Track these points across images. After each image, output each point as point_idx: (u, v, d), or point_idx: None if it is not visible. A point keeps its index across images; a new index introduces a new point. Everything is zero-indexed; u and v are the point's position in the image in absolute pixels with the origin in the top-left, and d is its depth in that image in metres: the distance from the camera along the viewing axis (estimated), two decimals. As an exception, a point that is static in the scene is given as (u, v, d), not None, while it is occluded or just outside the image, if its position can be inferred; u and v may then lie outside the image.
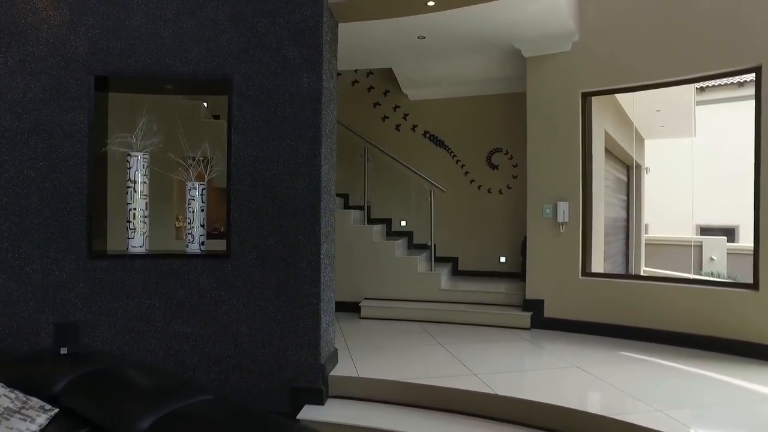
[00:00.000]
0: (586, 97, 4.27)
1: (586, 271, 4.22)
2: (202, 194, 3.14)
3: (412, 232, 5.96)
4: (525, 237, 4.55)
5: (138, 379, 1.72)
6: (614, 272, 5.87)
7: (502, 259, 5.69)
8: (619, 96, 5.76)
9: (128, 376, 1.74)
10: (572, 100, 4.25)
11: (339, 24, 3.39)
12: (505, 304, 4.63)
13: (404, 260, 4.92)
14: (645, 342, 3.81)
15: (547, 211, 4.31)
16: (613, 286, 4.05)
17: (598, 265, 4.72)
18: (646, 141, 7.95)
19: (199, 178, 3.18)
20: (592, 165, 4.46)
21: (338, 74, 6.27)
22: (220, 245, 3.16)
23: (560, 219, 4.23)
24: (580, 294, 4.16)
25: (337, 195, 5.85)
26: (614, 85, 4.14)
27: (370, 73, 6.06)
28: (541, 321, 4.30)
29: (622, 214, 7.65)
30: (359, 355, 3.50)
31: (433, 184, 5.03)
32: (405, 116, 5.99)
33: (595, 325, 4.06)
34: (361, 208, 6.00)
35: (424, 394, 2.84)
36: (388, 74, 5.60)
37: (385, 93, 6.04)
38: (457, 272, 5.81)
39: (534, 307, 4.33)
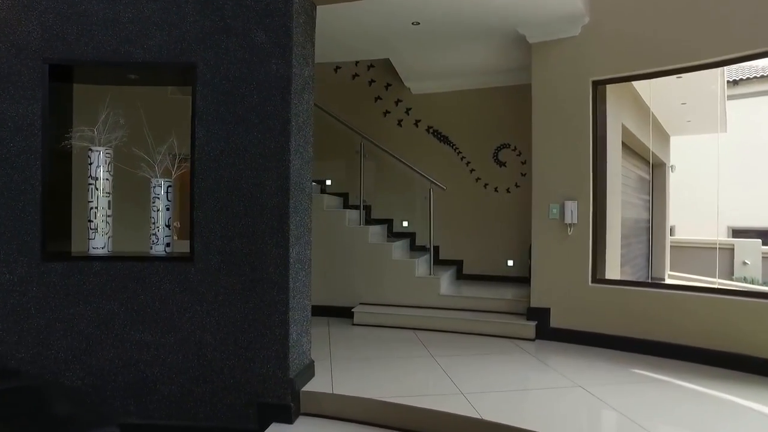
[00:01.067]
0: (598, 85, 3.88)
1: (597, 278, 3.83)
2: (167, 192, 2.92)
3: (414, 234, 5.65)
4: (531, 239, 4.19)
5: (38, 405, 1.49)
6: (631, 278, 5.44)
7: (510, 263, 5.32)
8: (639, 88, 5.32)
9: (29, 401, 1.51)
10: (582, 90, 3.87)
11: (318, 7, 3.12)
12: (509, 312, 4.27)
13: (401, 263, 4.62)
14: (662, 358, 3.41)
15: (554, 211, 3.94)
16: (627, 294, 3.65)
17: (613, 271, 4.32)
18: (671, 138, 7.42)
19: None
20: (605, 161, 4.06)
21: (338, 67, 6.04)
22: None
23: (568, 220, 3.86)
24: (590, 302, 3.78)
25: (336, 194, 5.61)
26: (629, 71, 3.74)
27: (371, 65, 5.77)
28: (547, 331, 3.93)
29: (645, 215, 7.16)
30: (341, 367, 3.22)
31: (432, 181, 4.71)
32: (407, 111, 5.68)
33: (606, 337, 3.68)
34: (363, 207, 5.73)
35: (401, 416, 2.54)
36: (389, 67, 5.31)
37: (387, 86, 5.74)
38: (461, 276, 5.47)
39: (539, 316, 3.97)
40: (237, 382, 2.71)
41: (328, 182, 5.84)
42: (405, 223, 5.71)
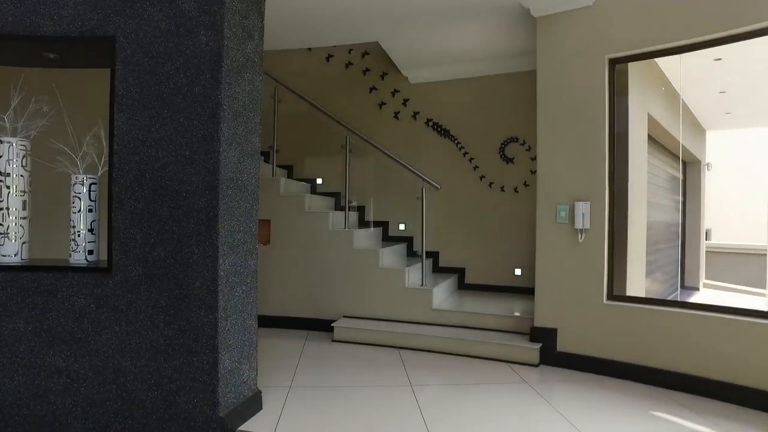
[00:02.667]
0: (616, 64, 3.26)
1: (614, 294, 3.21)
2: (90, 190, 2.49)
3: (411, 238, 5.11)
4: (536, 246, 3.60)
5: None
6: (661, 287, 4.76)
7: (517, 272, 4.72)
8: (669, 74, 4.63)
9: None
10: (596, 70, 3.26)
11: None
12: (511, 331, 3.69)
13: (389, 272, 4.09)
14: (692, 396, 2.77)
15: (562, 214, 3.34)
16: (651, 315, 3.02)
17: (636, 284, 3.68)
18: (707, 132, 6.62)
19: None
20: (626, 156, 3.44)
21: (330, 56, 5.57)
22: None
23: (579, 224, 3.25)
24: (605, 323, 3.16)
25: (327, 194, 5.14)
26: (655, 45, 3.10)
27: (365, 53, 5.27)
28: (553, 356, 3.33)
29: (676, 217, 6.40)
30: (296, 398, 2.73)
31: (423, 179, 4.17)
32: (405, 102, 5.15)
33: (624, 367, 3.06)
34: (352, 209, 5.24)
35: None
36: (386, 54, 4.79)
37: (383, 76, 5.23)
38: (463, 286, 4.90)
39: (544, 337, 3.37)
40: (160, 418, 2.25)
41: (319, 181, 5.38)
42: (402, 226, 5.18)
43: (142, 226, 2.26)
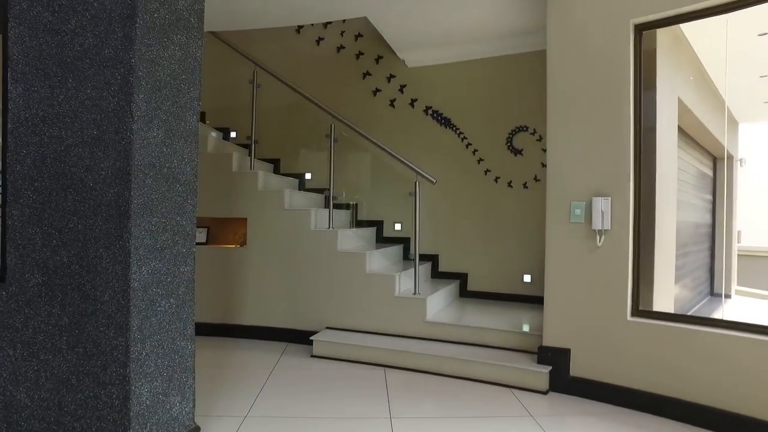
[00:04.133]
0: (643, 31, 2.71)
1: (640, 309, 2.65)
2: None
3: (408, 239, 4.60)
4: (546, 250, 3.05)
5: None
6: (688, 294, 4.17)
7: (527, 278, 4.17)
8: (702, 55, 4.04)
9: None
10: (619, 38, 2.71)
11: None
12: (516, 349, 3.15)
13: (378, 278, 3.59)
14: (742, 440, 2.21)
15: (577, 212, 2.79)
16: (688, 336, 2.46)
17: (664, 297, 3.11)
18: (740, 124, 5.95)
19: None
20: (654, 144, 2.88)
21: (320, 39, 5.09)
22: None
23: (597, 224, 2.70)
24: (629, 345, 2.61)
25: (315, 191, 4.66)
26: (693, 3, 2.53)
27: (359, 35, 4.78)
28: (565, 382, 2.79)
29: (705, 218, 5.76)
30: (249, 433, 2.25)
31: (417, 172, 3.65)
32: (401, 88, 4.64)
33: (653, 399, 2.50)
34: (346, 206, 4.76)
35: None
36: (380, 36, 4.29)
37: (378, 60, 4.73)
38: (465, 293, 4.37)
39: (555, 359, 2.83)
40: (63, 465, 1.80)
41: (308, 176, 4.91)
42: (398, 226, 4.67)
43: (42, 224, 1.81)
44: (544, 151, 4.11)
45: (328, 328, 3.70)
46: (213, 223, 4.26)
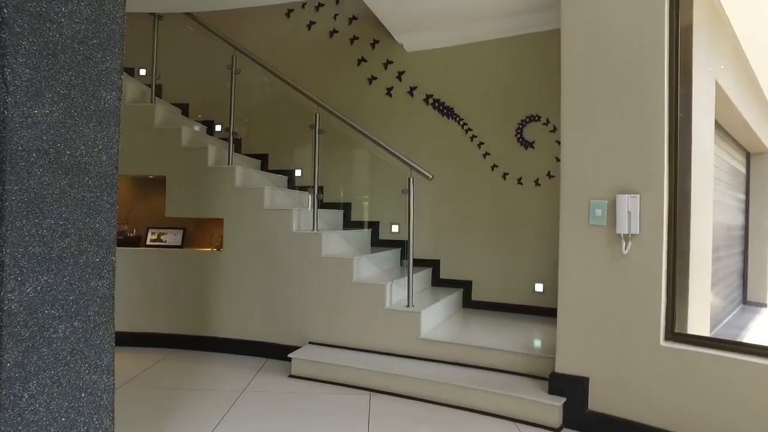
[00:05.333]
0: (680, -7, 2.22)
1: (676, 332, 2.17)
2: None
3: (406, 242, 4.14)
4: (560, 258, 2.57)
5: None
6: (722, 304, 3.69)
7: (539, 288, 3.69)
8: (741, 34, 3.51)
9: None
10: (651, 7, 2.23)
11: None
12: (525, 374, 2.68)
13: (365, 288, 3.15)
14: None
15: (598, 212, 2.31)
16: (738, 367, 1.97)
17: (699, 313, 2.62)
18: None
19: None
20: (690, 133, 2.39)
21: (312, 23, 4.66)
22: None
23: (623, 228, 2.22)
24: (663, 375, 2.13)
25: (304, 189, 4.25)
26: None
27: (353, 18, 4.35)
28: (581, 417, 2.32)
29: (739, 219, 5.20)
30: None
31: (411, 166, 3.21)
32: (399, 75, 4.20)
33: (693, 444, 2.02)
34: (337, 206, 4.34)
35: None
36: (377, 19, 3.86)
37: (373, 44, 4.29)
38: (469, 302, 3.91)
39: (569, 388, 2.36)
40: None
41: (298, 173, 4.49)
42: (395, 228, 4.22)
43: None
44: (559, 143, 3.62)
45: (311, 343, 3.27)
46: (190, 224, 3.88)
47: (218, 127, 4.63)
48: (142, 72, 4.55)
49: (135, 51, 4.47)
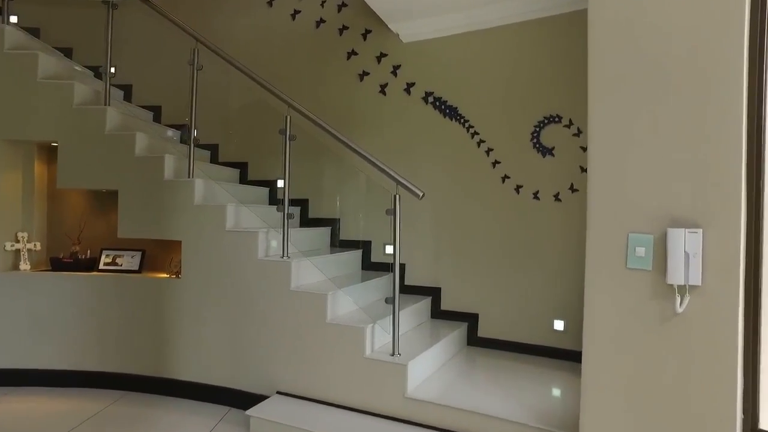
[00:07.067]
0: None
1: (760, 428, 1.51)
2: None
3: (403, 266, 3.54)
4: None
5: None
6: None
7: (558, 325, 3.04)
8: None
9: None
10: (718, -44, 1.58)
11: None
12: (538, 450, 2.05)
13: (341, 331, 2.56)
14: None
15: (639, 251, 1.67)
16: None
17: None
18: None
19: None
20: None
21: (297, 12, 3.95)
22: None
23: (677, 277, 1.57)
24: (736, 489, 1.48)
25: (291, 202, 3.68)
26: None
27: (342, 5, 3.76)
28: None
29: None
30: None
31: (399, 182, 2.60)
32: (395, 70, 3.59)
33: None
34: (325, 223, 3.77)
35: None
36: (368, 6, 3.27)
37: (365, 35, 3.70)
38: (474, 339, 3.28)
39: (600, 490, 1.72)
40: None
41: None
42: (389, 249, 3.62)
43: None
44: (584, 149, 2.97)
45: (279, 393, 2.71)
46: (149, 244, 3.37)
47: (195, 132, 4.11)
48: (112, 70, 4.07)
49: (96, 46, 3.99)
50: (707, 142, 1.56)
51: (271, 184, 3.94)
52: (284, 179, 2.93)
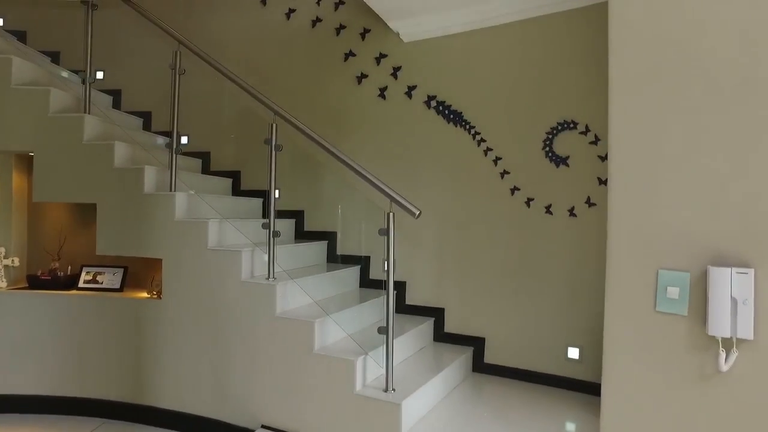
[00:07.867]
0: None
1: None
2: None
3: (404, 283, 3.28)
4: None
5: None
6: None
7: (572, 353, 2.75)
8: None
9: None
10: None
11: None
12: None
13: (329, 363, 2.30)
14: None
15: (672, 292, 1.38)
16: None
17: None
18: None
19: None
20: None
21: (292, 11, 3.68)
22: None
23: (721, 328, 1.28)
24: None
25: (282, 215, 3.45)
26: None
27: (339, 3, 3.51)
28: None
29: None
30: None
31: (393, 198, 2.34)
32: (395, 71, 3.33)
33: None
34: (324, 236, 3.54)
35: None
36: (367, 5, 3.02)
37: (363, 35, 3.44)
38: (480, 365, 3.00)
39: None
40: None
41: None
42: (389, 264, 3.35)
43: None
44: (603, 159, 2.67)
45: (264, 427, 2.47)
46: (133, 261, 3.17)
47: (184, 139, 3.90)
48: (100, 75, 3.88)
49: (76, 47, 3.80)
50: (763, 161, 1.27)
51: (265, 195, 3.71)
52: (270, 194, 2.69)
